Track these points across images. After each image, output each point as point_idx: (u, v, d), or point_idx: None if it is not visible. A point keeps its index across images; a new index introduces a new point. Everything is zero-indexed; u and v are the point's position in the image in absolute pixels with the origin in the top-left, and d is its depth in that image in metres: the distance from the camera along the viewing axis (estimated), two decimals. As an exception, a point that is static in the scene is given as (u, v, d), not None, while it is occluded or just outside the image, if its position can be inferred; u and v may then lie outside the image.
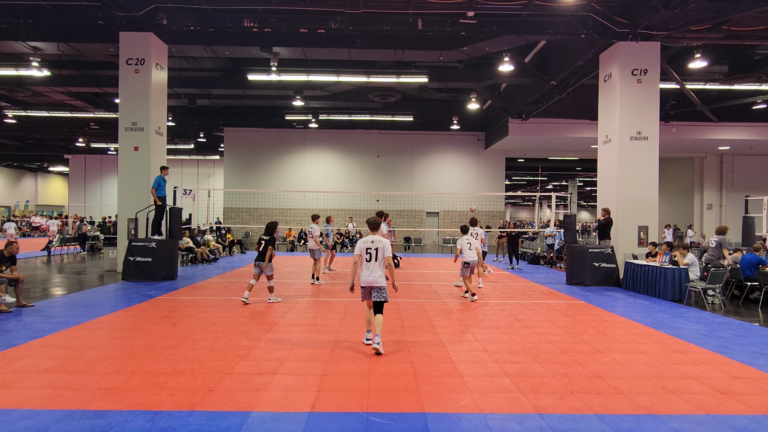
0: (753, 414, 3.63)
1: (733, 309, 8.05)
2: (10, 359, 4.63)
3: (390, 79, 15.67)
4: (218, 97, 20.16)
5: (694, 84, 15.09)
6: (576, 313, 7.50)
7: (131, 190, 11.34)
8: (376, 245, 5.17)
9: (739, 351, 5.37)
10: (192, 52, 14.48)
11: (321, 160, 24.94)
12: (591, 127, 18.01)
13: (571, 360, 4.93)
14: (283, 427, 3.29)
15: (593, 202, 56.90)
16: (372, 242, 5.19)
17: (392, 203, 24.60)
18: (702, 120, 18.63)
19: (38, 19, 11.16)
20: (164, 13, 11.04)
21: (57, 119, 22.81)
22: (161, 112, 12.05)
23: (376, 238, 5.23)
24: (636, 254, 10.61)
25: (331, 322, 6.55)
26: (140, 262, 10.04)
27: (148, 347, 5.12)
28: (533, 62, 15.27)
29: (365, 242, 5.21)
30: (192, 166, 30.99)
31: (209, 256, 14.33)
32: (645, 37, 10.66)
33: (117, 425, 3.26)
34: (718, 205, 23.34)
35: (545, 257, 15.48)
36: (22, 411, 3.46)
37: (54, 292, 8.72)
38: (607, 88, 11.51)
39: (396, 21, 10.95)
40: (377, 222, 5.39)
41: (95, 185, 31.78)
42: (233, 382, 4.11)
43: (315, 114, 21.78)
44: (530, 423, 3.41)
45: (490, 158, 24.89)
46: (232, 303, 7.77)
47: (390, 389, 4.01)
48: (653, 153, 10.94)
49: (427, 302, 8.22)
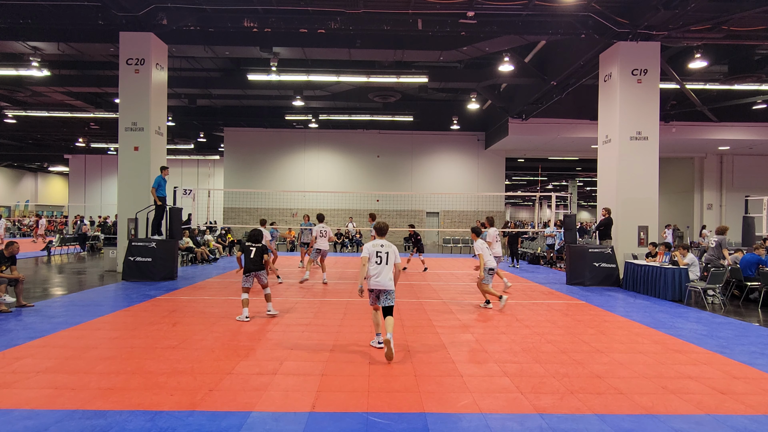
0: (753, 414, 3.63)
1: (733, 309, 8.05)
2: (10, 359, 4.63)
3: (390, 79, 15.66)
4: (218, 97, 20.15)
5: (694, 84, 15.08)
6: (576, 313, 7.50)
7: (131, 190, 11.34)
8: (386, 249, 5.19)
9: (739, 351, 5.37)
10: (192, 52, 14.47)
11: (321, 160, 24.94)
12: (591, 127, 18.00)
13: (571, 360, 4.93)
14: (283, 427, 3.29)
15: (593, 202, 56.91)
16: (382, 246, 5.20)
17: (392, 203, 24.60)
18: (702, 120, 18.62)
19: (38, 19, 11.16)
20: (164, 13, 11.04)
21: (57, 119, 22.80)
22: (161, 112, 12.05)
23: (386, 243, 5.25)
24: (636, 254, 10.61)
25: (331, 322, 6.55)
26: (140, 262, 10.04)
27: (148, 347, 5.12)
28: (533, 62, 15.26)
29: (375, 246, 5.20)
30: (192, 166, 30.98)
31: (209, 256, 14.33)
32: (645, 37, 10.66)
33: (117, 425, 3.26)
34: (718, 205, 23.33)
35: (545, 257, 15.48)
36: (22, 411, 3.46)
37: (54, 292, 8.72)
38: (607, 88, 11.51)
39: (396, 21, 10.95)
40: (386, 227, 5.40)
41: (95, 185, 31.76)
42: (233, 382, 4.11)
43: (315, 114, 21.77)
44: (530, 423, 3.41)
45: (490, 158, 24.89)
46: (232, 303, 7.76)
47: (390, 389, 4.01)
48: (653, 153, 10.94)
49: (427, 302, 8.22)
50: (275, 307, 7.13)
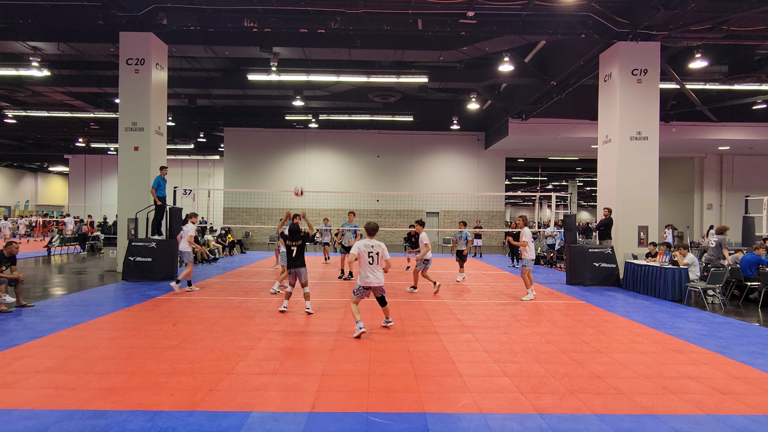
0: (753, 414, 3.63)
1: (733, 309, 8.05)
2: (10, 359, 4.63)
3: (390, 79, 15.67)
4: (218, 97, 20.15)
5: (694, 84, 15.08)
6: (576, 313, 7.50)
7: (131, 190, 11.34)
8: (376, 249, 5.69)
9: (739, 351, 5.37)
10: (192, 52, 14.47)
11: (321, 160, 24.94)
12: (591, 127, 18.00)
13: (571, 360, 4.93)
14: (283, 427, 3.29)
15: (593, 202, 56.89)
16: (372, 246, 5.69)
17: (392, 203, 24.61)
18: (702, 120, 18.62)
19: (38, 19, 11.16)
20: (164, 13, 11.04)
21: (57, 119, 22.80)
22: (161, 112, 12.05)
23: (375, 243, 5.73)
24: (636, 254, 10.61)
25: (331, 321, 6.55)
26: (140, 262, 10.04)
27: (148, 347, 5.12)
28: (533, 62, 15.27)
29: (366, 246, 5.67)
30: (192, 166, 30.97)
31: (209, 256, 14.33)
32: (645, 37, 10.66)
33: (117, 425, 3.26)
34: (718, 205, 23.33)
35: (545, 257, 15.48)
36: (22, 411, 3.46)
37: (54, 292, 8.72)
38: (607, 88, 11.51)
39: (396, 21, 10.95)
40: (376, 227, 5.89)
41: (95, 185, 31.76)
42: (233, 382, 4.11)
43: (315, 114, 21.78)
44: (530, 423, 3.41)
45: (490, 158, 24.89)
46: (232, 303, 7.77)
47: (390, 389, 4.01)
48: (653, 153, 10.94)
49: (427, 302, 8.22)
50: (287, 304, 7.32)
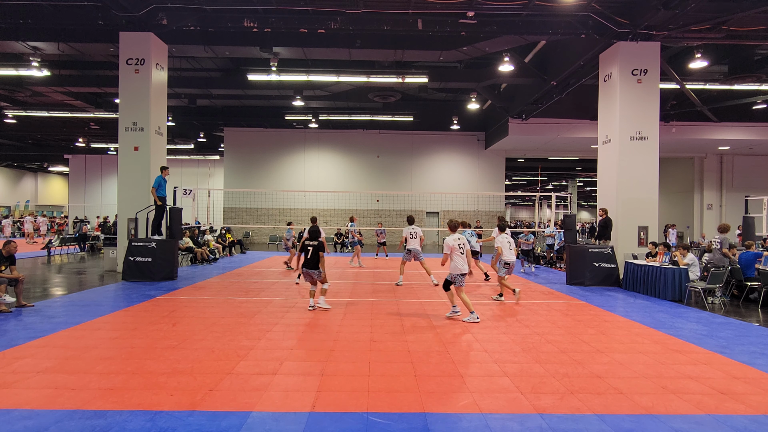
0: (753, 414, 3.63)
1: (733, 309, 8.05)
2: (10, 359, 4.63)
3: (390, 79, 15.66)
4: (218, 97, 20.14)
5: (694, 84, 15.08)
6: (576, 313, 7.50)
7: (131, 190, 11.34)
8: (462, 241, 6.65)
9: (739, 351, 5.37)
10: (192, 52, 14.46)
11: (321, 160, 24.93)
12: (591, 127, 18.00)
13: (571, 360, 4.93)
14: (283, 427, 3.29)
15: (593, 202, 56.90)
16: (458, 239, 6.63)
17: (392, 203, 24.60)
18: (702, 120, 18.62)
19: (38, 19, 11.15)
20: (164, 13, 11.04)
21: (57, 119, 22.79)
22: (161, 112, 12.05)
23: (461, 237, 6.66)
24: (636, 254, 10.61)
25: (331, 322, 6.55)
26: (140, 262, 10.04)
27: (148, 347, 5.12)
28: (533, 62, 15.26)
29: (454, 240, 6.59)
30: (192, 166, 30.96)
31: (209, 256, 14.33)
32: (645, 37, 10.66)
33: (117, 425, 3.26)
34: (718, 205, 23.33)
35: (545, 257, 15.47)
36: (22, 411, 3.46)
37: (54, 292, 8.72)
38: (607, 88, 11.51)
39: (396, 21, 10.95)
40: (457, 224, 6.81)
41: (95, 185, 31.75)
42: (233, 382, 4.11)
43: (315, 114, 21.77)
44: (530, 423, 3.41)
45: (490, 158, 24.89)
46: (232, 303, 7.77)
47: (390, 389, 4.01)
48: (653, 153, 10.94)
49: (428, 302, 8.22)
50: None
